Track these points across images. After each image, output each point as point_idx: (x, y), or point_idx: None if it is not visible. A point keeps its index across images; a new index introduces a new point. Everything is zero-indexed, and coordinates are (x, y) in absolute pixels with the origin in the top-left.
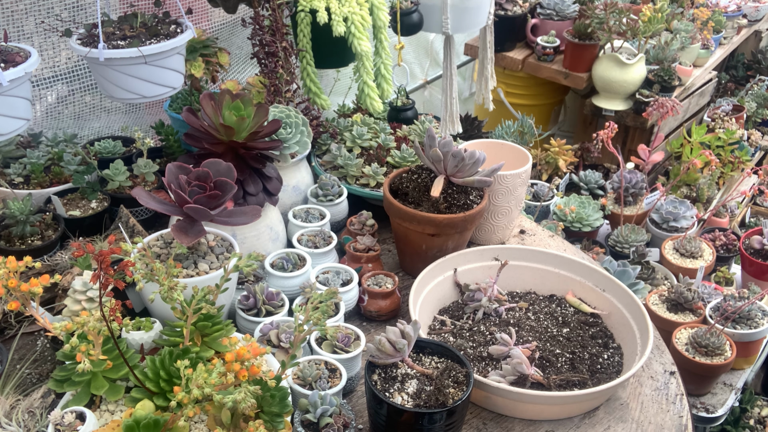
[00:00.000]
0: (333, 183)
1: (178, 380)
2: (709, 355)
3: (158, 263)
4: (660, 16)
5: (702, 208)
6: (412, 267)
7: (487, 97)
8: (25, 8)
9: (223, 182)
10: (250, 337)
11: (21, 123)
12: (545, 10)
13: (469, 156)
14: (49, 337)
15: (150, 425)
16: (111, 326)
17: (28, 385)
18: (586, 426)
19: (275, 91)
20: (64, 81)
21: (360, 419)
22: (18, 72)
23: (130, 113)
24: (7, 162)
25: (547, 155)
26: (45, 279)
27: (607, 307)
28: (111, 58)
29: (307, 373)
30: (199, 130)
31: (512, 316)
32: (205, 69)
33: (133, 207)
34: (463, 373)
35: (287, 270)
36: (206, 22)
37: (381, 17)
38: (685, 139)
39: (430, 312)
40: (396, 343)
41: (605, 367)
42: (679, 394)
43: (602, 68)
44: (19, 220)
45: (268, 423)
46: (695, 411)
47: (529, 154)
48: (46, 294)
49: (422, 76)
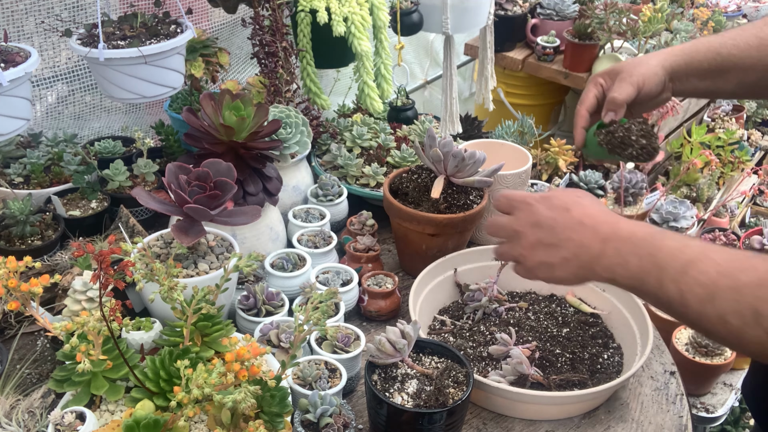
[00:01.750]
0: (333, 183)
1: (178, 380)
2: (709, 355)
3: (158, 263)
4: (660, 16)
5: (702, 208)
6: (412, 267)
7: (487, 97)
8: (25, 8)
9: (223, 182)
10: (250, 337)
11: (21, 123)
12: (545, 10)
13: (470, 156)
14: (49, 337)
15: (150, 425)
16: (111, 326)
17: (28, 385)
18: (586, 426)
19: (275, 91)
20: (64, 81)
21: (360, 419)
22: (18, 72)
23: (130, 113)
24: (7, 162)
25: (547, 155)
26: (45, 279)
27: (607, 307)
28: (111, 58)
29: (307, 373)
30: (199, 130)
31: (512, 316)
32: (205, 69)
33: (133, 207)
34: (463, 373)
35: (287, 270)
36: (206, 22)
37: (381, 17)
38: (685, 139)
39: (430, 312)
40: (396, 343)
41: (605, 367)
42: (679, 394)
43: (602, 68)
44: (19, 220)
45: (268, 423)
46: (695, 411)
47: (529, 154)
48: (46, 294)
49: (422, 76)
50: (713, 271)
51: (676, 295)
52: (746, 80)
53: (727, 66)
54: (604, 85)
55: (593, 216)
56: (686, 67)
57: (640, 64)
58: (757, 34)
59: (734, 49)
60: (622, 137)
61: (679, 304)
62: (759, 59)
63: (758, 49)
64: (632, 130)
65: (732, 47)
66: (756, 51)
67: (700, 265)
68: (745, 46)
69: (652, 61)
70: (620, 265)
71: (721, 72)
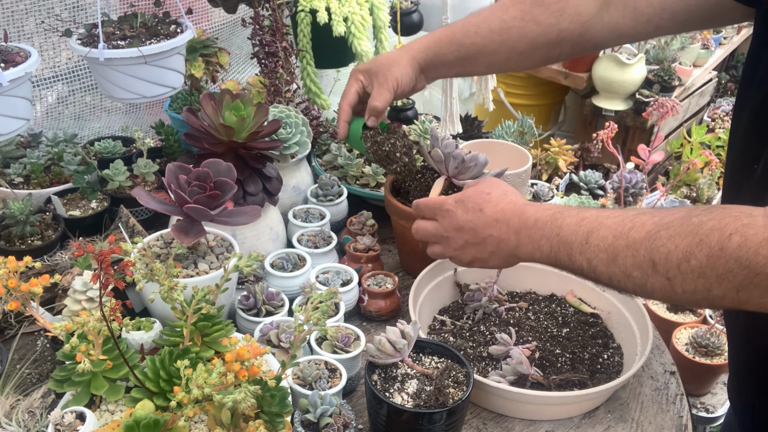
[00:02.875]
0: (333, 183)
1: (178, 380)
2: (709, 355)
3: (158, 263)
4: None
5: None
6: (412, 267)
7: (487, 97)
8: (25, 8)
9: (223, 182)
10: (250, 337)
11: (21, 123)
12: None
13: (471, 159)
14: (49, 337)
15: (150, 425)
16: (111, 326)
17: (28, 385)
18: (586, 426)
19: (275, 91)
20: (64, 81)
21: (360, 419)
22: (18, 72)
23: (130, 113)
24: (7, 162)
25: (547, 155)
26: (45, 279)
27: (607, 307)
28: (111, 58)
29: (307, 373)
30: (199, 130)
31: (512, 316)
32: (205, 69)
33: (133, 207)
34: (463, 373)
35: (287, 270)
36: (206, 22)
37: (381, 17)
38: (685, 139)
39: (430, 312)
40: (396, 343)
41: (605, 367)
42: (679, 394)
43: (602, 68)
44: (19, 220)
45: (268, 423)
46: (695, 411)
47: (529, 154)
48: (46, 294)
49: None
50: (609, 235)
51: (585, 264)
52: (494, 61)
53: (472, 54)
54: (364, 81)
55: (503, 211)
56: (434, 60)
57: (393, 65)
58: (501, 17)
59: (476, 38)
60: (387, 152)
61: (591, 271)
62: (502, 43)
63: (500, 33)
64: (397, 146)
65: (474, 35)
66: (498, 35)
67: (598, 233)
68: (488, 32)
69: (402, 60)
70: (536, 249)
71: (468, 60)
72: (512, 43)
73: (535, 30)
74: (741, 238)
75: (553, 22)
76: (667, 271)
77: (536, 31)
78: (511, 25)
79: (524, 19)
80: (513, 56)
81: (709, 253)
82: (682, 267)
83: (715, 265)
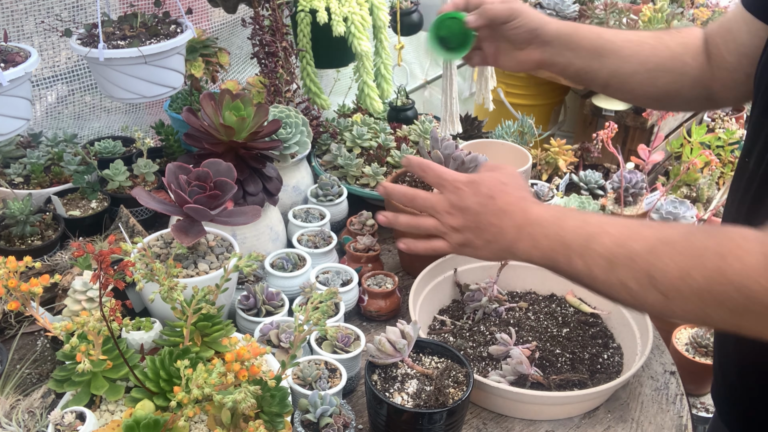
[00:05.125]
0: (333, 183)
1: (178, 380)
2: (709, 355)
3: (158, 263)
4: (660, 16)
5: (702, 208)
6: (412, 267)
7: (487, 97)
8: (25, 8)
9: (223, 182)
10: (250, 337)
11: (21, 123)
12: (545, 10)
13: (470, 160)
14: (49, 337)
15: (150, 425)
16: (111, 326)
17: (28, 385)
18: (586, 426)
19: (275, 91)
20: (64, 81)
21: (360, 419)
22: (18, 72)
23: (130, 113)
24: (7, 162)
25: (547, 155)
26: (45, 279)
27: (607, 307)
28: (111, 58)
29: (307, 373)
30: (199, 130)
31: (512, 316)
32: (205, 69)
33: (133, 207)
34: (463, 373)
35: (287, 270)
36: (206, 22)
37: (381, 17)
38: (685, 139)
39: (430, 312)
40: (396, 343)
41: (605, 367)
42: (679, 394)
43: None
44: (19, 220)
45: (268, 423)
46: (695, 411)
47: (529, 154)
48: (46, 294)
49: (422, 76)
50: (610, 243)
51: (583, 268)
52: (621, 70)
53: (607, 50)
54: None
55: (513, 203)
56: (568, 37)
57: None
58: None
59: (614, 38)
60: None
61: (587, 276)
62: (634, 53)
63: (636, 44)
64: None
65: (613, 35)
66: (634, 45)
67: (599, 239)
68: (624, 39)
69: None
70: (534, 247)
71: (600, 54)
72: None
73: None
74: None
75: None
76: (665, 288)
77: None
78: (645, 41)
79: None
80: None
81: (707, 275)
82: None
83: (712, 288)
